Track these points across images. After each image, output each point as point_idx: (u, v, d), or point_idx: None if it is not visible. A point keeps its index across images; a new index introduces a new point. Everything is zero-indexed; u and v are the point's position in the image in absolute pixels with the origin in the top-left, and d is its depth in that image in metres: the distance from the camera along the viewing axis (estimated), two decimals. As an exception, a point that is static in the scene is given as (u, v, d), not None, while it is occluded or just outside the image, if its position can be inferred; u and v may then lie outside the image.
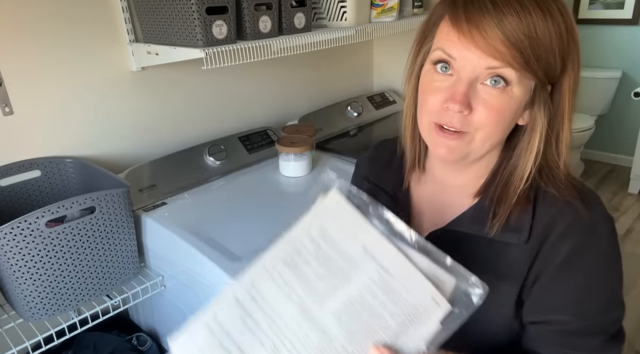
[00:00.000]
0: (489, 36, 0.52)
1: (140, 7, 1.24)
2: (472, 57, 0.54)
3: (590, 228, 0.59)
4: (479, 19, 0.52)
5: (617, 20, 3.25)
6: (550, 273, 0.59)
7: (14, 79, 1.13)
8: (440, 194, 0.70)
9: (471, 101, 0.56)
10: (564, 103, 0.58)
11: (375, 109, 1.97)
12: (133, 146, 1.41)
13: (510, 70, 0.54)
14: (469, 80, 0.55)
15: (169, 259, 1.16)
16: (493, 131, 0.58)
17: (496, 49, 0.52)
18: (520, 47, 0.52)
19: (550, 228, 0.59)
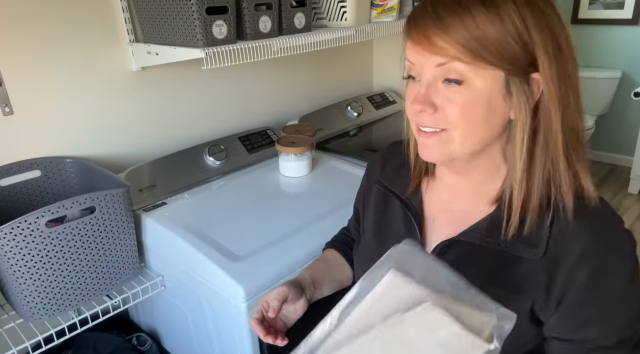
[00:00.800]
0: (431, 37, 0.56)
1: (140, 7, 1.24)
2: (422, 59, 0.59)
3: (611, 247, 0.58)
4: (423, 25, 0.57)
5: (617, 20, 3.25)
6: (575, 294, 0.59)
7: (14, 79, 1.13)
8: (453, 201, 0.70)
9: (434, 100, 0.59)
10: (549, 91, 0.57)
11: (375, 109, 1.97)
12: (133, 146, 1.41)
13: (460, 64, 0.56)
14: (427, 81, 0.59)
15: (169, 259, 1.16)
16: (468, 127, 0.58)
17: (438, 46, 0.56)
18: (461, 41, 0.55)
19: (567, 247, 0.58)
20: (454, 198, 0.69)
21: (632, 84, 3.31)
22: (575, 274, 0.58)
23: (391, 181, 0.77)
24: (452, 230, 0.67)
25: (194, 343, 1.21)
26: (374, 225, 0.80)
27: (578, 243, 0.58)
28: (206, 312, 1.10)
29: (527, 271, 0.60)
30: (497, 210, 0.64)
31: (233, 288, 0.96)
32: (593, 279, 0.57)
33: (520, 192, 0.60)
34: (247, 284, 0.96)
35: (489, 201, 0.65)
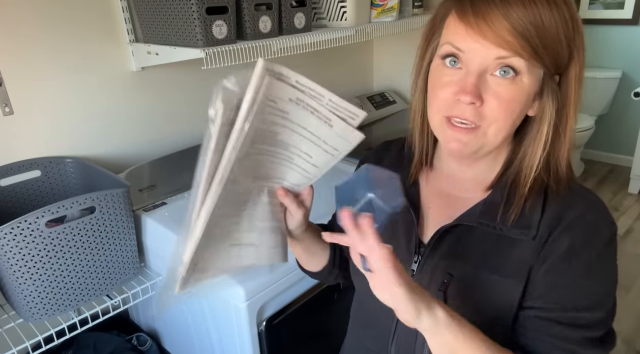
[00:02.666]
0: (496, 27, 0.53)
1: (140, 7, 1.24)
2: (480, 49, 0.55)
3: (594, 227, 0.60)
4: (486, 11, 0.54)
5: (617, 20, 3.26)
6: (549, 264, 0.60)
7: (14, 79, 1.13)
8: (450, 189, 0.70)
9: (482, 92, 0.57)
10: (570, 92, 0.59)
11: (375, 109, 1.97)
12: (133, 146, 1.41)
13: (519, 60, 0.54)
14: (478, 72, 0.56)
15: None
16: (504, 123, 0.58)
17: (504, 39, 0.53)
18: (527, 36, 0.53)
19: (555, 224, 0.60)
20: (452, 185, 0.70)
21: (632, 84, 3.31)
22: (553, 247, 0.59)
23: None
24: (447, 215, 0.67)
25: (194, 343, 1.21)
26: None
27: (563, 221, 0.60)
28: (206, 312, 1.10)
29: (520, 254, 0.61)
30: (492, 195, 0.64)
31: (233, 288, 0.96)
32: (566, 252, 0.59)
33: (528, 180, 0.61)
34: (247, 284, 0.96)
35: (484, 188, 0.66)
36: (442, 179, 0.71)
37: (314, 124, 0.62)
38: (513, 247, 0.61)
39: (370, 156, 0.84)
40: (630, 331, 1.98)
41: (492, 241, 0.63)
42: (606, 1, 3.26)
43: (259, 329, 1.02)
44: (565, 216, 0.60)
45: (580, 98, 0.60)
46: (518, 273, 0.61)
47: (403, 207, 0.57)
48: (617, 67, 3.36)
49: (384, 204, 0.54)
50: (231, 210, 0.64)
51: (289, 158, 0.66)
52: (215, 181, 0.62)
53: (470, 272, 0.63)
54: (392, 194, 0.55)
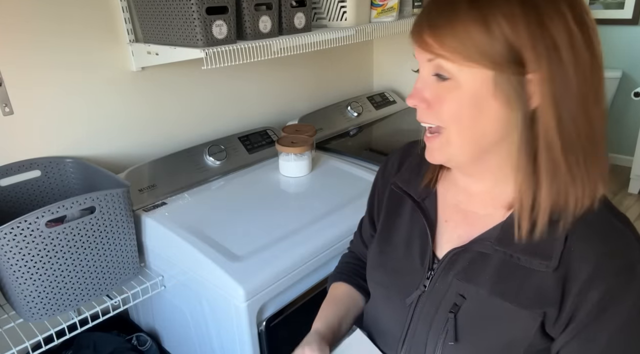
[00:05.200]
0: (422, 32, 0.57)
1: (140, 7, 1.24)
2: (418, 54, 0.59)
3: (626, 269, 0.54)
4: (418, 23, 0.58)
5: (617, 20, 3.26)
6: (584, 316, 0.55)
7: (14, 79, 1.13)
8: (467, 203, 0.68)
9: (425, 94, 0.59)
10: (539, 94, 0.54)
11: (375, 109, 1.97)
12: (133, 146, 1.41)
13: (445, 61, 0.55)
14: (422, 77, 0.60)
15: (169, 259, 1.16)
16: (460, 127, 0.57)
17: (425, 41, 0.56)
18: (444, 38, 0.54)
19: (579, 262, 0.55)
20: (468, 200, 0.67)
21: (632, 84, 3.31)
22: (586, 294, 0.55)
23: (406, 183, 0.75)
24: (464, 232, 0.65)
25: (194, 343, 1.21)
26: (382, 228, 0.78)
27: (588, 262, 0.55)
28: (206, 312, 1.10)
29: (538, 284, 0.57)
30: (511, 217, 0.60)
31: (233, 288, 0.96)
32: (602, 305, 0.54)
33: (527, 198, 0.57)
34: (247, 284, 0.96)
35: (505, 205, 0.63)
36: (458, 191, 0.69)
37: None
38: (531, 276, 0.58)
39: (393, 160, 0.82)
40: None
41: (508, 268, 0.60)
42: (606, 1, 3.26)
43: (259, 329, 1.02)
44: (588, 256, 0.55)
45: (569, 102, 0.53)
46: (535, 305, 0.57)
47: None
48: (617, 67, 3.36)
49: None
50: None
51: None
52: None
53: (484, 297, 0.60)
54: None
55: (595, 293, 0.54)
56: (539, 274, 0.57)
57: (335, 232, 1.13)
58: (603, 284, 0.54)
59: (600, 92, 0.55)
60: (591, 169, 0.56)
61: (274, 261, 1.03)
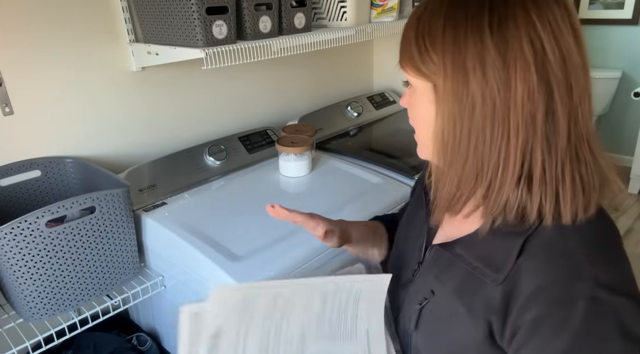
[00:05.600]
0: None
1: (140, 7, 1.25)
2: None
3: (566, 303, 0.50)
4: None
5: (617, 20, 3.26)
6: (522, 336, 0.53)
7: (14, 79, 1.13)
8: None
9: (403, 98, 0.64)
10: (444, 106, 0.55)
11: (375, 109, 1.97)
12: (133, 146, 1.41)
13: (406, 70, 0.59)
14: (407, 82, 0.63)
15: (169, 259, 1.16)
16: (419, 127, 0.61)
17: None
18: (401, 48, 0.59)
19: (525, 281, 0.54)
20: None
21: (632, 84, 3.31)
22: (524, 314, 0.53)
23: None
24: (453, 233, 0.67)
25: (194, 343, 1.21)
26: (408, 212, 0.84)
27: (532, 283, 0.53)
28: (206, 312, 1.10)
29: (488, 295, 0.57)
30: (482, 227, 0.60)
31: (233, 287, 0.96)
32: (534, 329, 0.52)
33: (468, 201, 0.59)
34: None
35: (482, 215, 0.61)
36: None
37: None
38: (483, 286, 0.58)
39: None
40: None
41: (467, 275, 0.61)
42: (606, 1, 3.26)
43: (259, 329, 1.02)
44: (534, 275, 0.53)
45: (468, 119, 0.53)
46: (482, 314, 0.57)
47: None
48: (617, 67, 3.36)
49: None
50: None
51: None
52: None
53: (447, 297, 0.63)
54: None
55: (529, 316, 0.52)
56: (490, 285, 0.57)
57: (335, 232, 1.13)
58: (537, 309, 0.52)
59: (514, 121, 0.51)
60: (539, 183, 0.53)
61: (274, 260, 1.03)
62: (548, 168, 0.53)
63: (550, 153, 0.52)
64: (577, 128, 0.54)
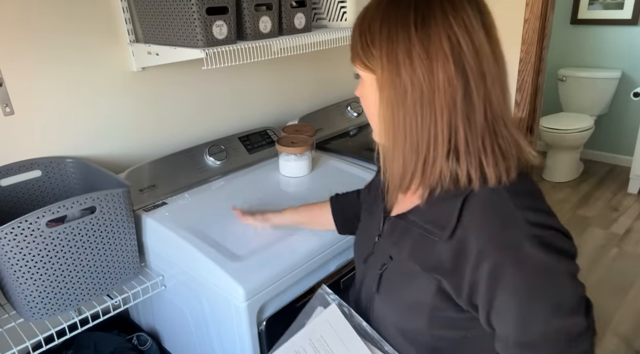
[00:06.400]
0: None
1: (140, 8, 1.25)
2: None
3: (513, 246, 0.60)
4: None
5: (616, 20, 3.26)
6: (483, 290, 0.62)
7: (14, 79, 1.14)
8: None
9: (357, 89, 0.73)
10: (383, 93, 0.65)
11: (375, 109, 1.97)
12: (133, 146, 1.41)
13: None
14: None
15: (169, 259, 1.16)
16: (368, 114, 0.71)
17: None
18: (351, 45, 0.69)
19: (470, 239, 0.62)
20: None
21: (632, 84, 3.31)
22: (477, 272, 0.61)
23: None
24: (408, 204, 0.75)
25: (194, 343, 1.21)
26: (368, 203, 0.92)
27: (476, 240, 0.62)
28: (206, 312, 1.11)
29: (439, 253, 0.66)
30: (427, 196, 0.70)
31: (233, 287, 0.96)
32: (492, 279, 0.60)
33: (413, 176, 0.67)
34: (247, 284, 0.97)
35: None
36: None
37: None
38: (435, 246, 0.67)
39: None
40: (630, 331, 1.98)
41: (423, 237, 0.69)
42: (606, 1, 3.26)
43: (259, 329, 1.02)
44: (478, 234, 0.62)
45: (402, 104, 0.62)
46: (433, 270, 0.66)
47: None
48: (616, 67, 3.36)
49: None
50: None
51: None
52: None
53: (403, 259, 0.72)
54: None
55: (485, 268, 0.61)
56: (439, 244, 0.66)
57: (335, 232, 1.14)
58: (491, 260, 0.60)
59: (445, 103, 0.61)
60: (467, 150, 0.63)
61: (273, 261, 1.03)
62: (470, 142, 0.62)
63: (471, 129, 0.62)
64: (492, 108, 0.63)
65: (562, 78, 3.49)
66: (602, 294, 2.20)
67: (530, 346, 0.61)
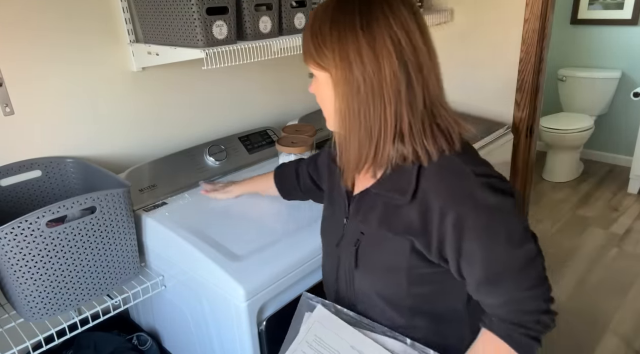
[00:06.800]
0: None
1: (140, 8, 1.25)
2: None
3: (468, 197, 0.70)
4: None
5: (616, 20, 3.26)
6: (450, 243, 0.72)
7: (14, 79, 1.14)
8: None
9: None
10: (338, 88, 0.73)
11: (375, 109, 1.97)
12: (133, 146, 1.41)
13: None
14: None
15: (169, 259, 1.16)
16: (323, 108, 0.79)
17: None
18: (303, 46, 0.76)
19: (431, 199, 0.72)
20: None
21: (632, 84, 3.31)
22: (443, 226, 0.71)
23: None
24: (361, 189, 0.83)
25: (195, 343, 1.22)
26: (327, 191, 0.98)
27: (438, 198, 0.71)
28: (206, 311, 1.11)
29: (405, 216, 0.75)
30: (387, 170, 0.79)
31: (233, 287, 0.97)
32: (457, 228, 0.70)
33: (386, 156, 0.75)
34: (247, 284, 0.97)
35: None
36: None
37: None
38: (401, 211, 0.75)
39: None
40: (630, 331, 1.98)
41: (388, 206, 0.77)
42: (606, 1, 3.26)
43: (259, 329, 1.02)
44: (436, 194, 0.72)
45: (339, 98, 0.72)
46: (404, 232, 0.75)
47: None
48: (616, 67, 3.36)
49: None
50: None
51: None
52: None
53: (374, 231, 0.79)
54: None
55: (449, 219, 0.70)
56: (405, 208, 0.75)
57: (335, 232, 1.14)
58: (453, 211, 0.70)
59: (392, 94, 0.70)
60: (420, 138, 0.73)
61: (274, 260, 1.03)
62: (413, 124, 0.72)
63: (414, 114, 0.72)
64: (430, 94, 0.72)
65: (562, 78, 3.49)
66: (602, 294, 2.20)
67: (497, 279, 0.72)
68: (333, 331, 0.80)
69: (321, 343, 0.80)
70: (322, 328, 0.81)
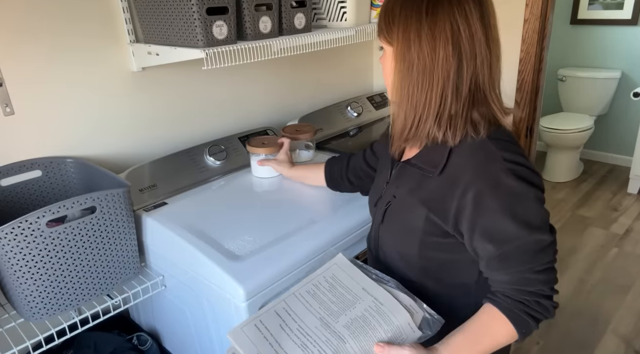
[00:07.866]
0: None
1: (140, 8, 1.25)
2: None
3: (487, 179, 0.75)
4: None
5: (616, 20, 3.26)
6: (467, 216, 0.77)
7: (15, 79, 1.14)
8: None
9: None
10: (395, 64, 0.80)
11: (375, 109, 1.97)
12: (134, 146, 1.41)
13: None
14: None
15: (170, 259, 1.16)
16: (387, 81, 0.85)
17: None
18: (378, 23, 0.83)
19: (459, 175, 0.78)
20: None
21: (631, 84, 3.31)
22: (464, 200, 0.77)
23: None
24: (412, 154, 0.90)
25: (195, 342, 1.22)
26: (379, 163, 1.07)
27: (465, 175, 0.77)
28: (206, 311, 1.11)
29: (432, 187, 0.82)
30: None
31: (233, 287, 0.97)
32: (476, 204, 0.75)
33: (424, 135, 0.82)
34: (247, 284, 0.97)
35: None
36: None
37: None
38: (429, 182, 0.83)
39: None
40: (631, 331, 1.98)
41: (420, 176, 0.85)
42: (605, 1, 3.26)
43: (259, 329, 1.02)
44: (465, 171, 0.77)
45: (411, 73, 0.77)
46: (427, 201, 0.82)
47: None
48: (616, 67, 3.36)
49: None
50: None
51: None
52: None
53: (404, 196, 0.87)
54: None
55: (471, 194, 0.76)
56: (433, 180, 0.82)
57: (335, 232, 1.14)
58: (475, 187, 0.75)
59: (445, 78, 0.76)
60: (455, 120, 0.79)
61: (274, 261, 1.03)
62: (456, 108, 0.78)
63: (457, 99, 0.77)
64: (477, 83, 0.78)
65: (562, 78, 3.49)
66: (602, 294, 2.20)
67: (507, 257, 0.76)
68: (349, 274, 0.87)
69: (335, 280, 0.87)
70: (339, 270, 0.89)
